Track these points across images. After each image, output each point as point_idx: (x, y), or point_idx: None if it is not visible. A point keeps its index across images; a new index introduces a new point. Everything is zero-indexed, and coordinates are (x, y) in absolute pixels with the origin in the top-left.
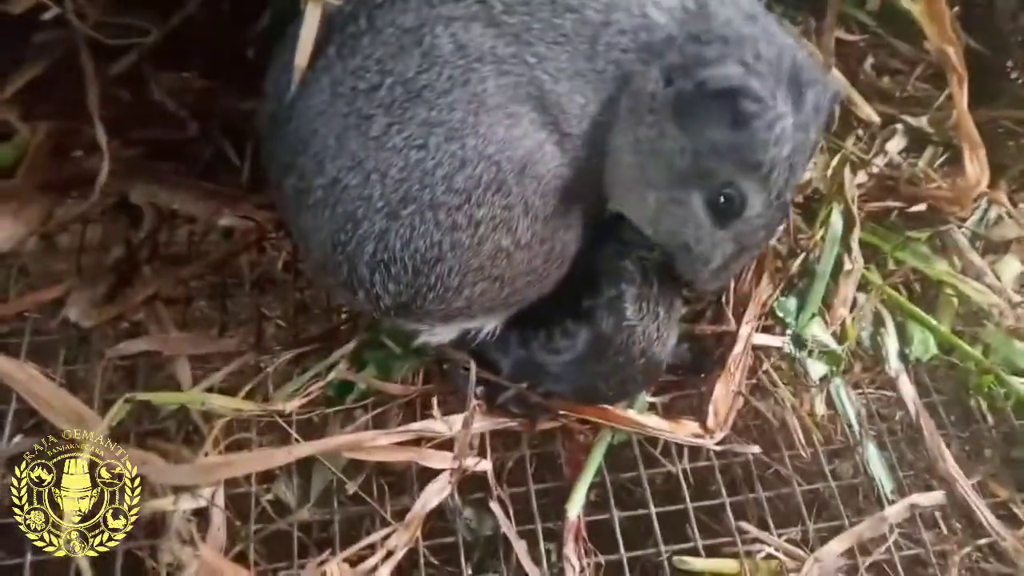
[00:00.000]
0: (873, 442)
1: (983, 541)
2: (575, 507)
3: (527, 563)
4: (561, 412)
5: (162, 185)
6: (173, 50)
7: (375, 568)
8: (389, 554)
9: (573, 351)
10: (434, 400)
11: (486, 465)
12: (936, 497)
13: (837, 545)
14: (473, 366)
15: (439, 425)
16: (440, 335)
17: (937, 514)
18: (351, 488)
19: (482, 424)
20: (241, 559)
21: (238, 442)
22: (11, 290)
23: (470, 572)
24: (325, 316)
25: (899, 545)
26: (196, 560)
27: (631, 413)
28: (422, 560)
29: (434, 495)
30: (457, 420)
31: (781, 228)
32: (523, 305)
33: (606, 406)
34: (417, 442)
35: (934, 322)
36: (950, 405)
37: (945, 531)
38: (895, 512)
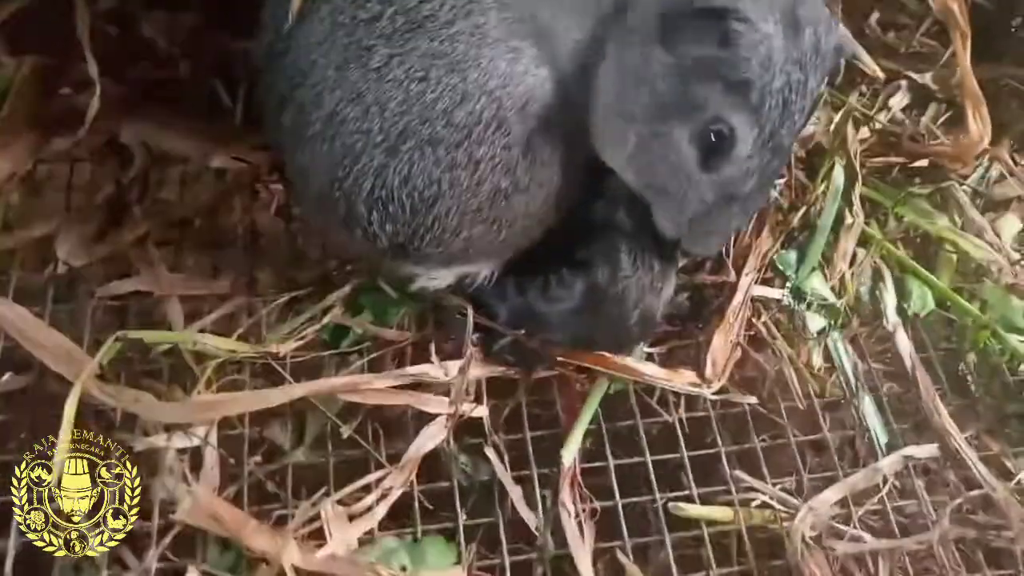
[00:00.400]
0: (869, 395)
1: (975, 493)
2: (570, 452)
3: (522, 508)
4: (559, 359)
5: (153, 125)
6: None
7: (370, 508)
8: (384, 496)
9: (569, 300)
10: (431, 346)
11: (482, 411)
12: (930, 449)
13: (831, 494)
14: (470, 312)
15: (435, 370)
16: (438, 279)
17: (931, 466)
18: (346, 432)
19: (479, 371)
20: (235, 501)
21: (231, 384)
22: None
23: (465, 517)
24: (319, 262)
25: (892, 495)
26: (189, 497)
27: (629, 361)
28: (417, 504)
29: (429, 439)
30: (454, 366)
31: (778, 185)
32: (520, 249)
33: (603, 354)
34: (413, 387)
35: (932, 277)
36: (946, 361)
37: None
38: (889, 463)
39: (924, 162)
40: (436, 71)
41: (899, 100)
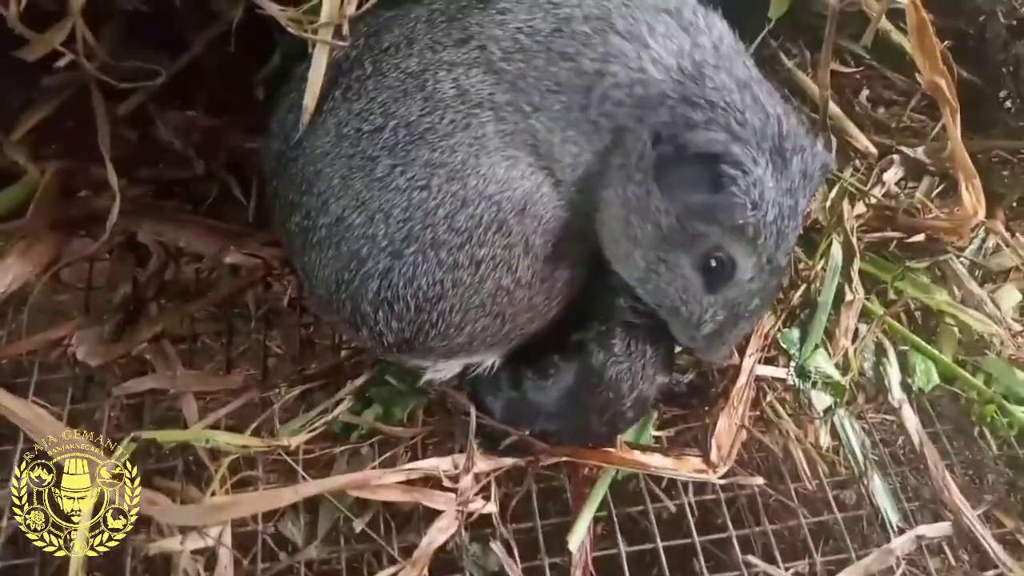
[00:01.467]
0: (878, 472)
1: (990, 573)
2: (576, 540)
3: None
4: (565, 458)
5: (169, 223)
6: (179, 89)
7: None
8: None
9: (563, 383)
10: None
11: (491, 508)
12: (942, 528)
13: None
14: (473, 412)
15: (445, 464)
16: (443, 371)
17: (943, 544)
18: (358, 526)
19: (486, 465)
20: None
21: (244, 479)
22: (18, 329)
23: None
24: (330, 351)
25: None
26: None
27: (635, 454)
28: None
29: (440, 533)
30: (462, 459)
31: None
32: (524, 339)
33: (609, 449)
34: (424, 480)
35: (936, 352)
36: (953, 434)
37: (952, 561)
38: (901, 544)
39: (921, 236)
40: (437, 179)
41: (892, 174)
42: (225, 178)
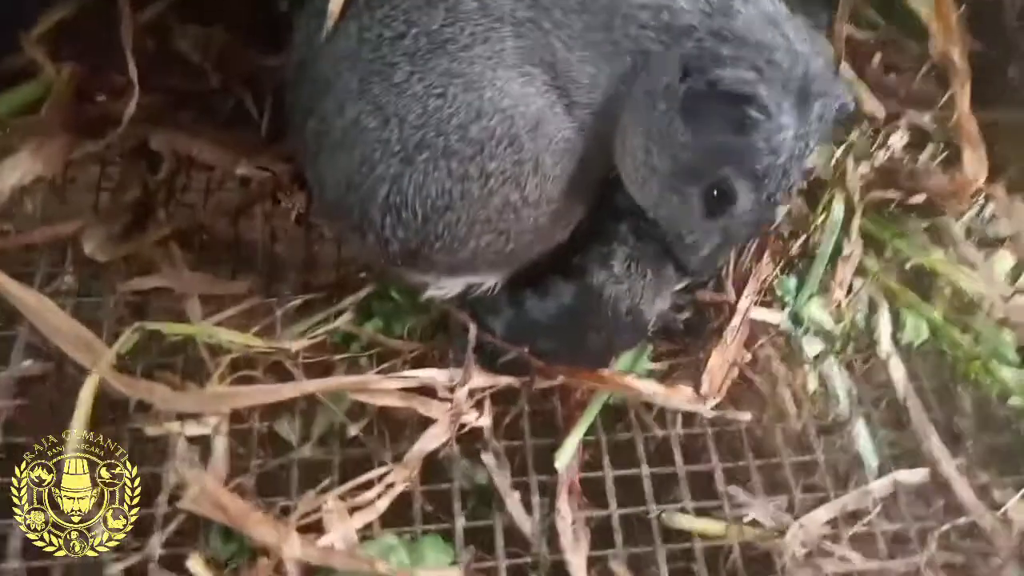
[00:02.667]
0: (862, 420)
1: (963, 520)
2: (563, 460)
3: (518, 514)
4: (561, 377)
5: (182, 132)
6: (200, 3)
7: (371, 502)
8: (386, 490)
9: (562, 301)
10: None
11: (484, 421)
12: (919, 474)
13: (821, 514)
14: (472, 328)
15: (441, 375)
16: (445, 288)
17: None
18: (353, 430)
19: (482, 380)
20: (240, 492)
21: (244, 379)
22: (29, 224)
23: (463, 519)
24: (335, 269)
25: (881, 519)
26: (199, 481)
27: (629, 378)
28: (417, 505)
29: (432, 439)
30: (458, 373)
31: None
32: (525, 262)
33: (603, 371)
34: (419, 391)
35: (927, 307)
36: (938, 391)
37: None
38: (879, 486)
39: (921, 198)
40: (454, 88)
41: (898, 139)
42: (240, 93)
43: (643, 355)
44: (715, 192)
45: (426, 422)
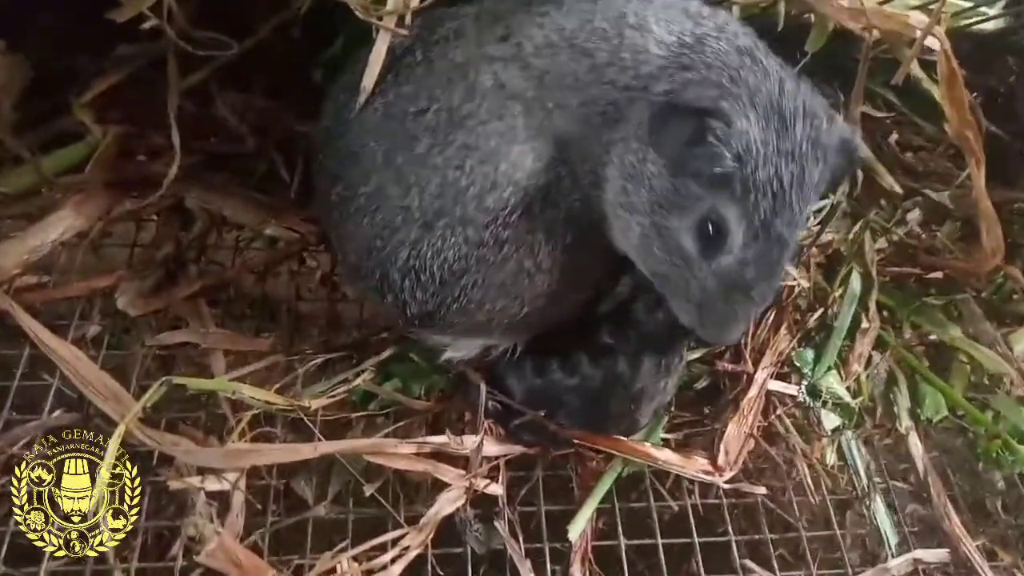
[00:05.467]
0: (880, 496)
1: None
2: (577, 529)
3: None
4: (576, 441)
5: (216, 192)
6: (240, 70)
7: (385, 567)
8: (400, 555)
9: (588, 384)
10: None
11: (498, 489)
12: (940, 554)
13: None
14: (483, 386)
15: (453, 442)
16: (462, 350)
17: (939, 574)
18: (368, 490)
19: (496, 448)
20: (255, 549)
21: (263, 436)
22: (65, 277)
23: None
24: (356, 328)
25: None
26: (216, 536)
27: (645, 446)
28: (430, 569)
29: (448, 503)
30: (471, 440)
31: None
32: (542, 327)
33: (620, 438)
34: (435, 455)
35: (946, 385)
36: (958, 468)
37: None
38: (898, 565)
39: (939, 274)
40: (471, 161)
41: (916, 215)
42: (273, 157)
43: (658, 427)
44: (704, 229)
45: (441, 484)
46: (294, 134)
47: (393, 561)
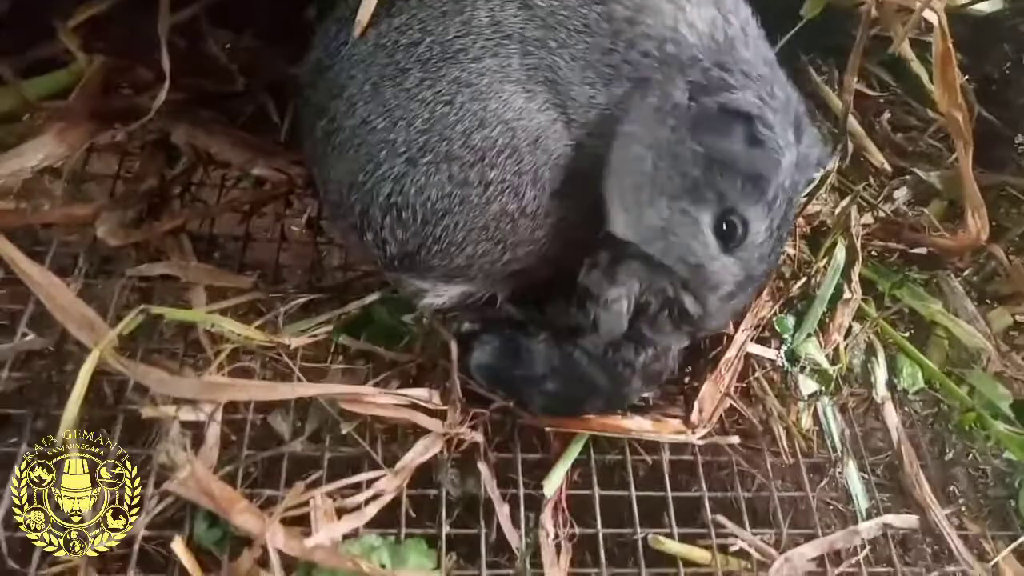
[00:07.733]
0: (853, 460)
1: (951, 568)
2: (553, 484)
3: (506, 524)
4: (547, 427)
5: (203, 129)
6: (232, 9)
7: (359, 507)
8: (375, 497)
9: (576, 367)
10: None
11: (478, 437)
12: (909, 520)
13: (808, 550)
14: (454, 347)
15: (434, 396)
16: (442, 296)
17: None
18: (346, 429)
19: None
20: (228, 481)
21: (241, 371)
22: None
23: (448, 526)
24: (340, 272)
25: (868, 561)
26: (188, 465)
27: (616, 418)
28: (404, 507)
29: (426, 449)
30: (450, 394)
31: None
32: (521, 278)
33: (589, 416)
34: (413, 405)
35: (924, 358)
36: (931, 439)
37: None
38: (868, 528)
39: (922, 250)
40: (461, 97)
41: (903, 193)
42: (263, 97)
43: None
44: (728, 224)
45: (419, 428)
46: (285, 77)
47: (367, 502)
